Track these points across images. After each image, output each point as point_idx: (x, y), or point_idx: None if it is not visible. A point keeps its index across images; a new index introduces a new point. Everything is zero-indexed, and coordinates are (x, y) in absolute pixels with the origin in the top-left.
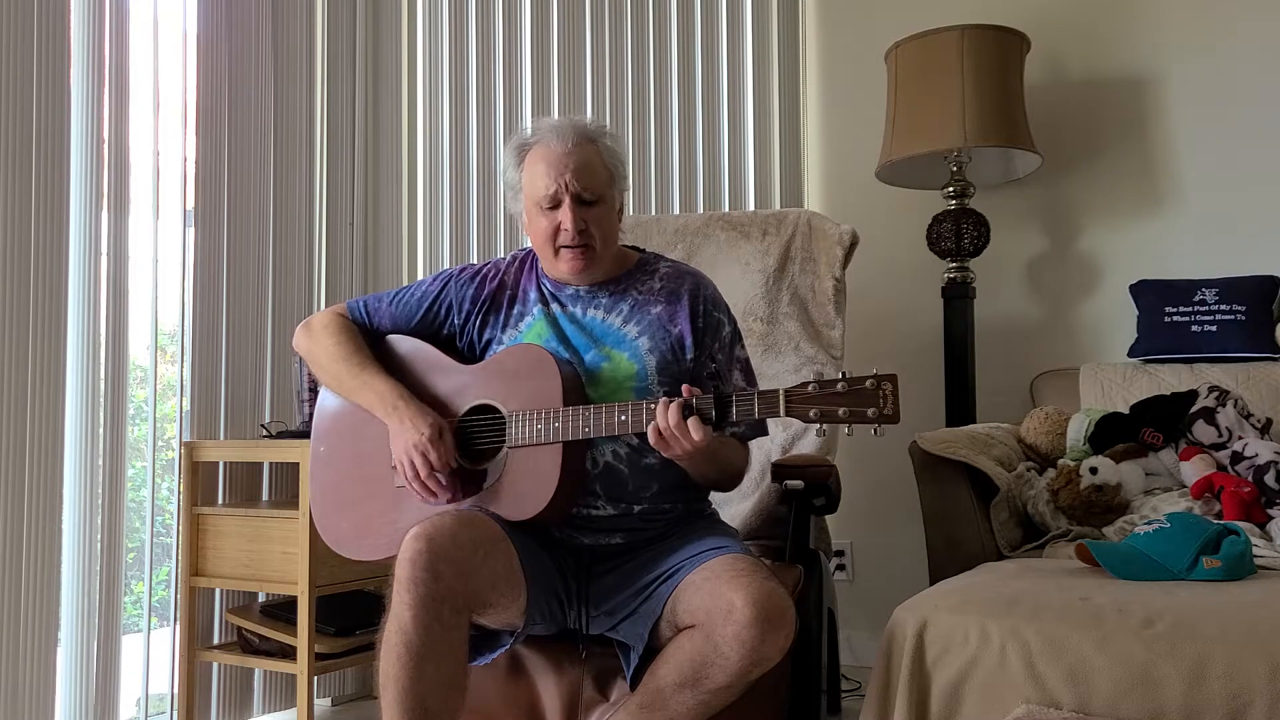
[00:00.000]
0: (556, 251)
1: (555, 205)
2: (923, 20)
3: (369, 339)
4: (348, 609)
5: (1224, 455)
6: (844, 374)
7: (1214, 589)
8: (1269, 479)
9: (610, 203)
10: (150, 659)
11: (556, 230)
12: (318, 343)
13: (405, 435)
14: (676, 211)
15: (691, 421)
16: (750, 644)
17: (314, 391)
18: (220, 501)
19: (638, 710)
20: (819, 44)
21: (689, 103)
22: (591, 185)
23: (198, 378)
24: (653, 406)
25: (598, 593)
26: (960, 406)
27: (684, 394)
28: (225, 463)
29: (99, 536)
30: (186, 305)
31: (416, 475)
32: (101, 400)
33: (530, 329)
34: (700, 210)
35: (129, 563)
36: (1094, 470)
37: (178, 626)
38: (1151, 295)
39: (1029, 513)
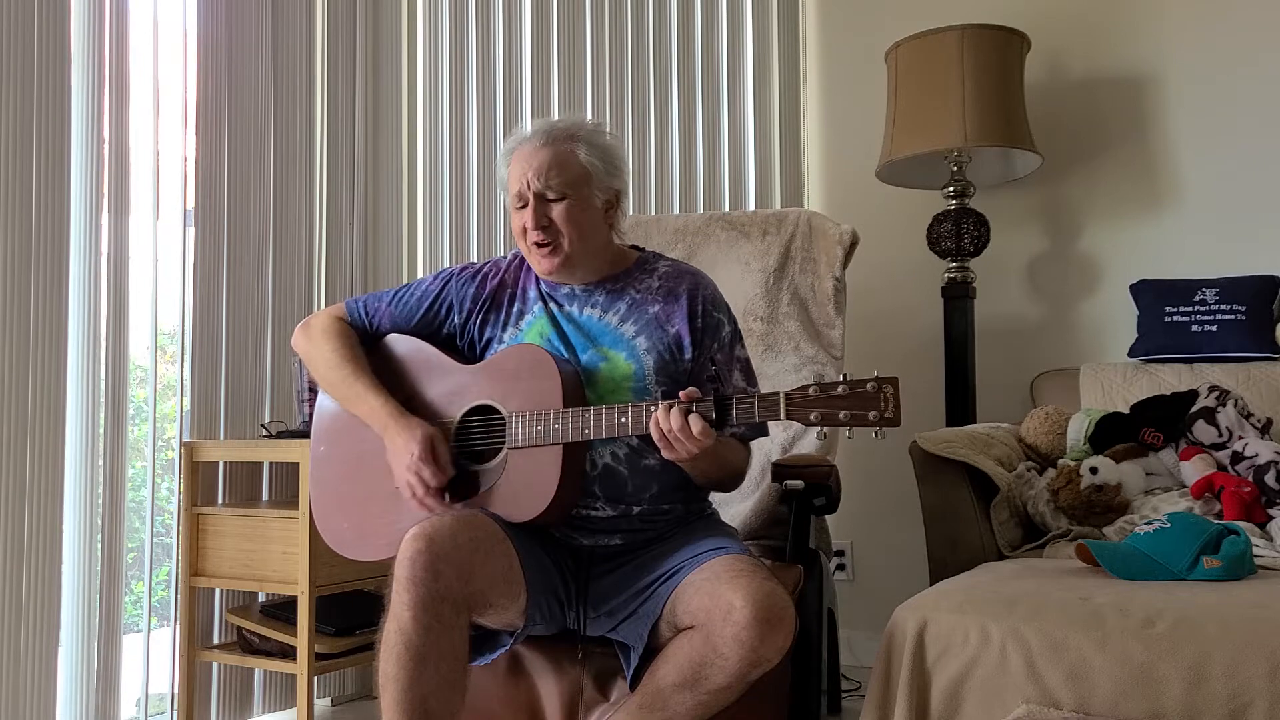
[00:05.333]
0: (529, 250)
1: (523, 204)
2: (923, 20)
3: (368, 339)
4: (348, 609)
5: (1224, 455)
6: (845, 376)
7: (1214, 589)
8: (1269, 479)
9: (583, 199)
10: (150, 659)
11: (525, 228)
12: (315, 347)
13: (399, 458)
14: (676, 211)
15: (694, 423)
16: (750, 645)
17: (314, 391)
18: (220, 501)
19: (637, 710)
20: (819, 44)
21: (689, 103)
22: (556, 182)
23: (198, 378)
24: (653, 408)
25: (597, 594)
26: (960, 406)
27: (682, 399)
28: (225, 463)
29: (99, 536)
30: (186, 305)
31: (414, 496)
32: (102, 400)
33: (531, 327)
34: (700, 210)
35: (129, 563)
36: (1094, 470)
37: (178, 626)
38: (1151, 295)
39: (1029, 513)
